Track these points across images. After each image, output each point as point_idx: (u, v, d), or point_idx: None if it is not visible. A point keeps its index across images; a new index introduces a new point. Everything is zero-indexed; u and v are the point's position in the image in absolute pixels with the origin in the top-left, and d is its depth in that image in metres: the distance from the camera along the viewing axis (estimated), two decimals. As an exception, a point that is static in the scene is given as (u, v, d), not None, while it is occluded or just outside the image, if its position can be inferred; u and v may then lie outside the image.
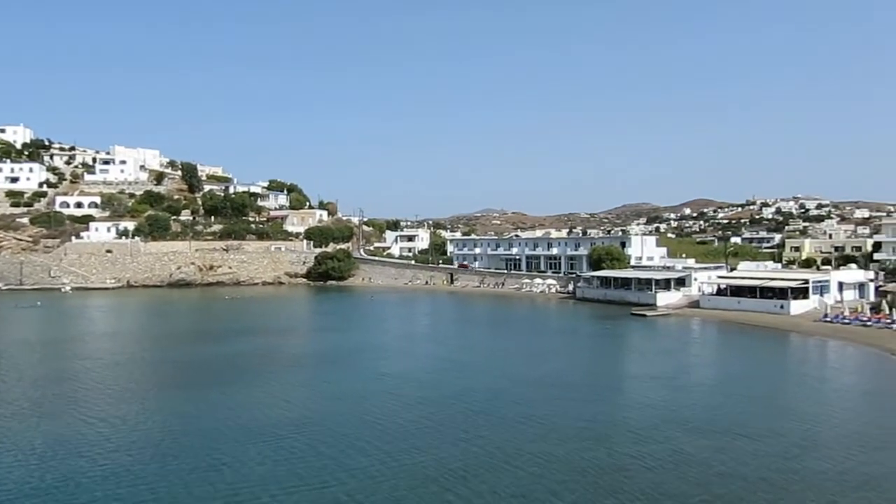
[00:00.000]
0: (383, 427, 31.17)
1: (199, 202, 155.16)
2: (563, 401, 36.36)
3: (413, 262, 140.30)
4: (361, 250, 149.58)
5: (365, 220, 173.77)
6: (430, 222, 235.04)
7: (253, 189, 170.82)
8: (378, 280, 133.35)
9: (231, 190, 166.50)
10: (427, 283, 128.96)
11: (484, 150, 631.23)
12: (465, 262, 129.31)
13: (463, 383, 40.95)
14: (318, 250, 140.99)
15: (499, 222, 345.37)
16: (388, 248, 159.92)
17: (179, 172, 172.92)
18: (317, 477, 24.65)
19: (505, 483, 23.89)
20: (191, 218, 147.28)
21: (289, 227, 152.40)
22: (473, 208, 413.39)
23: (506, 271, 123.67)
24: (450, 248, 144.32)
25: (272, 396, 37.68)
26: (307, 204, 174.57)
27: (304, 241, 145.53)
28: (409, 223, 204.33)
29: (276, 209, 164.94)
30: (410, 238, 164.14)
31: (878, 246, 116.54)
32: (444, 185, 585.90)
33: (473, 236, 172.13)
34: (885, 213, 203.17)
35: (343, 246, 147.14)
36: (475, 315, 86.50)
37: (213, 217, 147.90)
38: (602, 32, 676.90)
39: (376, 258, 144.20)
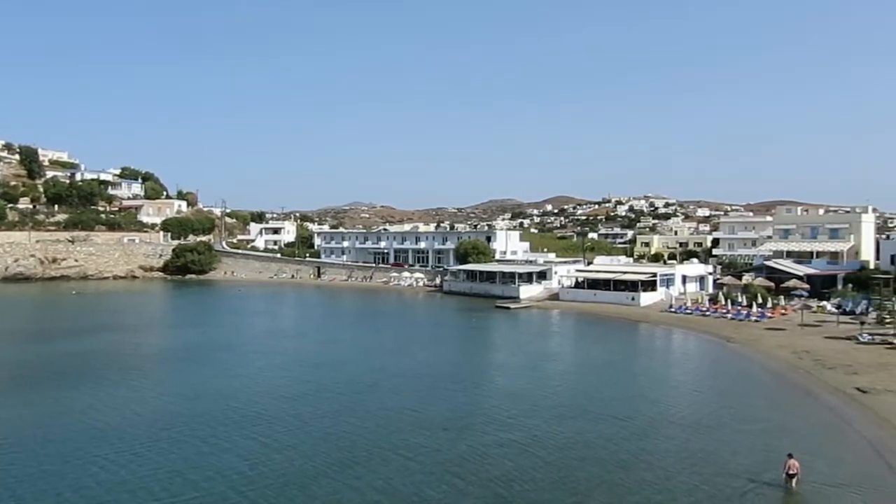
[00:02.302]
0: (249, 425, 30.09)
1: (41, 189, 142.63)
2: (431, 392, 36.80)
3: (279, 255, 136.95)
4: (224, 243, 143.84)
5: (227, 211, 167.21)
6: (297, 215, 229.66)
7: (103, 176, 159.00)
8: (242, 274, 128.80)
9: (78, 177, 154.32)
10: (293, 276, 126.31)
11: (353, 144, 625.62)
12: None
13: (331, 376, 40.44)
14: (176, 242, 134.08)
15: (367, 216, 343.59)
16: (253, 240, 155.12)
17: (17, 157, 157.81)
18: (176, 482, 23.35)
19: (371, 477, 23.78)
20: (31, 206, 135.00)
21: (144, 218, 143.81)
22: (342, 201, 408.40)
23: (374, 265, 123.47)
24: (317, 241, 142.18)
25: (126, 397, 35.35)
26: (164, 193, 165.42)
27: (161, 233, 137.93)
28: (274, 215, 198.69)
29: (129, 198, 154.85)
30: (276, 231, 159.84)
31: (716, 242, 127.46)
32: (312, 178, 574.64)
33: (342, 229, 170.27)
34: (722, 213, 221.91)
35: (204, 238, 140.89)
36: (344, 308, 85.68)
37: (56, 206, 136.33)
38: (466, 29, 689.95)
39: (240, 251, 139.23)
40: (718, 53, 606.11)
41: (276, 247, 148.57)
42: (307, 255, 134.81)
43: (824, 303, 68.62)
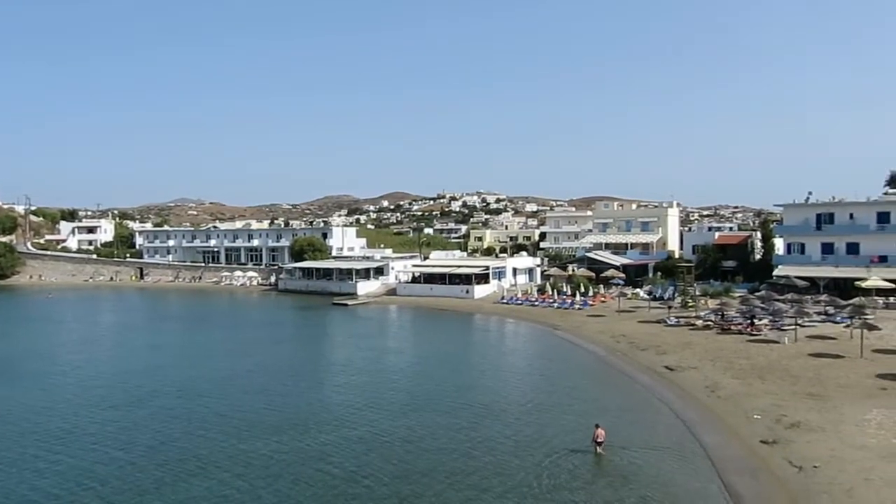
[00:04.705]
0: (69, 441, 27.62)
1: None
2: (268, 393, 35.78)
3: (95, 256, 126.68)
4: (29, 244, 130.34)
5: (32, 208, 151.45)
6: (116, 212, 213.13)
7: None
8: (52, 277, 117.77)
9: None
10: (112, 278, 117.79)
11: (177, 138, 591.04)
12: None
13: (154, 384, 38.04)
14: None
15: (195, 213, 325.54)
16: (64, 240, 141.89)
17: None
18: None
19: (205, 487, 22.68)
20: None
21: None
22: (166, 198, 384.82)
23: (203, 264, 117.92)
24: (139, 240, 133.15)
25: None
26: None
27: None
28: (89, 213, 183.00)
29: None
30: (91, 230, 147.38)
31: (543, 236, 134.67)
32: (132, 173, 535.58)
33: (167, 227, 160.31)
34: (548, 208, 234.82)
35: (4, 239, 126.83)
36: (169, 311, 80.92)
37: None
38: (296, 22, 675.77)
39: (48, 252, 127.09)
40: (537, 54, 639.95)
41: (91, 247, 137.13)
42: (128, 255, 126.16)
43: (638, 290, 74.89)
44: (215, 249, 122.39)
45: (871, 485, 20.83)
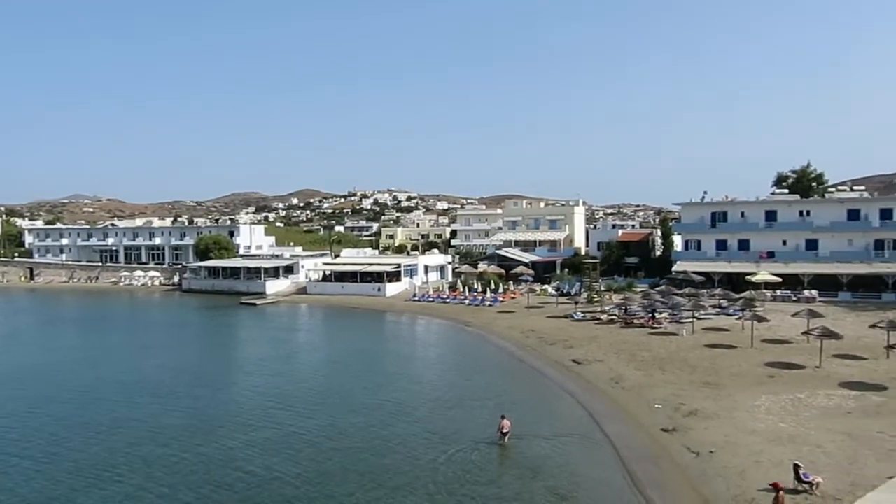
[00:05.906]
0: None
1: None
2: (172, 397, 34.42)
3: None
4: None
5: None
6: (2, 209, 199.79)
7: None
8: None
9: None
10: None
11: (71, 131, 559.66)
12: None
13: (50, 389, 35.95)
14: None
15: (91, 210, 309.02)
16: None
17: None
18: None
19: (101, 499, 21.57)
20: None
21: None
22: (59, 194, 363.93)
23: (100, 264, 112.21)
24: (29, 238, 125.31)
25: None
26: None
27: None
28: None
29: None
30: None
31: (454, 233, 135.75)
32: (21, 166, 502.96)
33: (60, 225, 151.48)
34: (459, 206, 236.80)
35: None
36: (64, 313, 76.54)
37: None
38: (207, 16, 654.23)
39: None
40: (440, 49, 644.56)
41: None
42: (16, 254, 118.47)
43: (546, 286, 76.53)
44: (114, 248, 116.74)
45: (761, 466, 22.12)
